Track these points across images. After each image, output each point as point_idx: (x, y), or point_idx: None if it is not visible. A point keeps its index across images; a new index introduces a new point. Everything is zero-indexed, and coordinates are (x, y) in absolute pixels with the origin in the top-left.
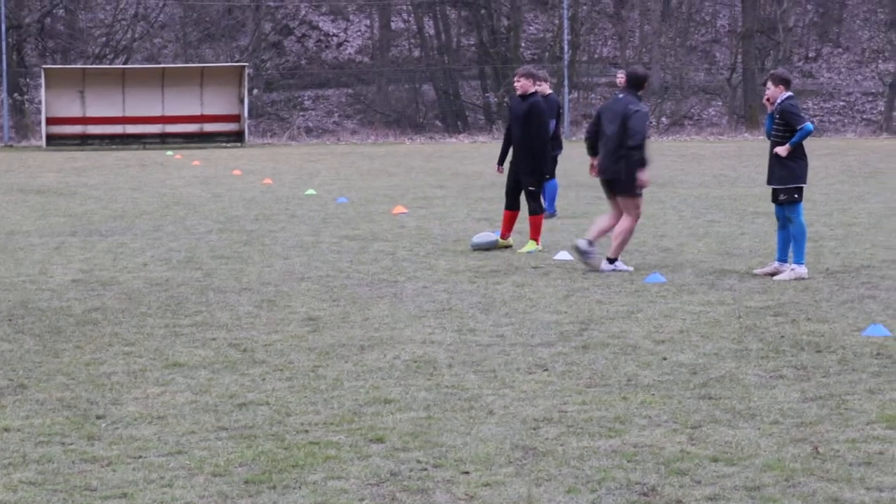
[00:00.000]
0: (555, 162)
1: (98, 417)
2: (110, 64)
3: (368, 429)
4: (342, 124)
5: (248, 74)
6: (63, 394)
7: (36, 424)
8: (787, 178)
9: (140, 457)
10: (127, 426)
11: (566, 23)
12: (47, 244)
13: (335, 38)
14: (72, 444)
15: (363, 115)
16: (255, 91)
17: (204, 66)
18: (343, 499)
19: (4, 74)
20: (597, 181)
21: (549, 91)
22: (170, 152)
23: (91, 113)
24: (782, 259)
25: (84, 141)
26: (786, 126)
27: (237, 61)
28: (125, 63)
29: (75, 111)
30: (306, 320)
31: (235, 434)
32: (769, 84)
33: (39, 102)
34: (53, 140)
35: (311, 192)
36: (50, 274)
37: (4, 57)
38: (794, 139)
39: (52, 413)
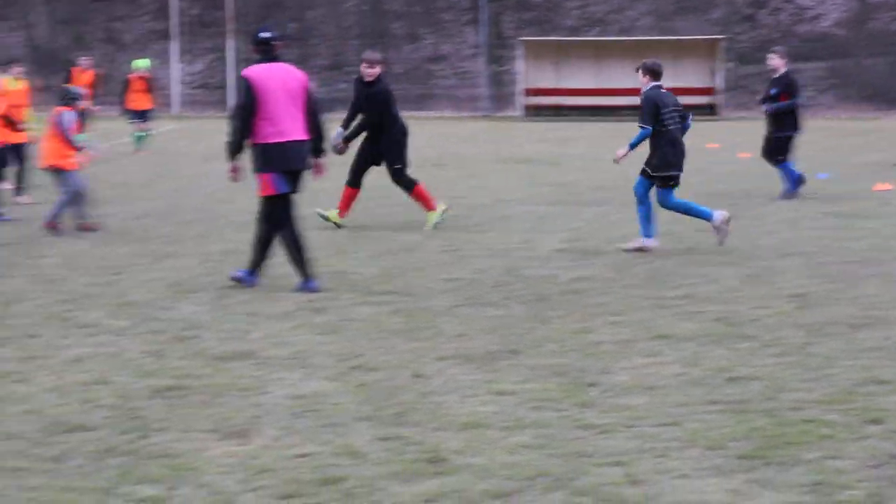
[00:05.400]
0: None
1: (589, 385)
2: (585, 36)
3: (863, 409)
4: (816, 99)
5: (722, 48)
6: (554, 360)
7: (529, 389)
8: (648, 159)
9: (633, 426)
10: (618, 395)
11: None
12: (533, 213)
13: (810, 11)
14: (565, 410)
15: (838, 90)
16: (730, 64)
17: (678, 39)
18: (842, 479)
19: (485, 46)
20: None
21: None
22: None
23: (565, 84)
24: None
25: (558, 112)
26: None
27: (710, 35)
28: (600, 35)
29: (550, 82)
30: (793, 296)
31: (727, 408)
32: (639, 73)
33: (517, 73)
34: (529, 111)
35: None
36: (536, 242)
37: (485, 29)
38: (632, 141)
39: (544, 379)
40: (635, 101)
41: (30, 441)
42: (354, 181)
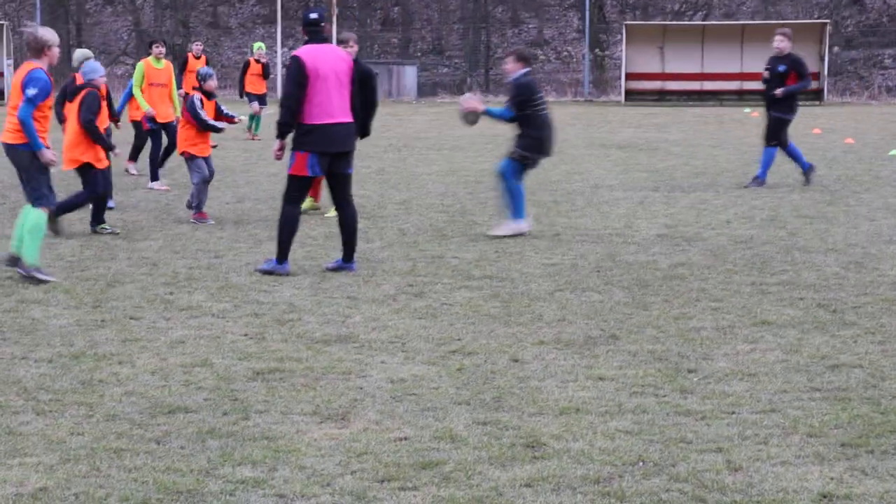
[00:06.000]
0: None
1: (689, 371)
2: (690, 20)
3: None
4: None
5: (828, 31)
6: (654, 346)
7: (629, 375)
8: (518, 143)
9: (733, 412)
10: (718, 381)
11: None
12: (631, 198)
13: None
14: (665, 396)
15: None
16: (836, 49)
17: (783, 23)
18: None
19: (587, 30)
20: None
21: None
22: (747, 109)
23: (670, 69)
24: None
25: (661, 97)
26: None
27: (816, 18)
28: (704, 19)
29: (654, 67)
30: None
31: (829, 395)
32: (510, 60)
33: (618, 58)
34: (631, 95)
35: (895, 153)
36: (635, 228)
37: (587, 13)
38: (493, 112)
39: (644, 364)
40: (740, 85)
41: (132, 422)
42: None
